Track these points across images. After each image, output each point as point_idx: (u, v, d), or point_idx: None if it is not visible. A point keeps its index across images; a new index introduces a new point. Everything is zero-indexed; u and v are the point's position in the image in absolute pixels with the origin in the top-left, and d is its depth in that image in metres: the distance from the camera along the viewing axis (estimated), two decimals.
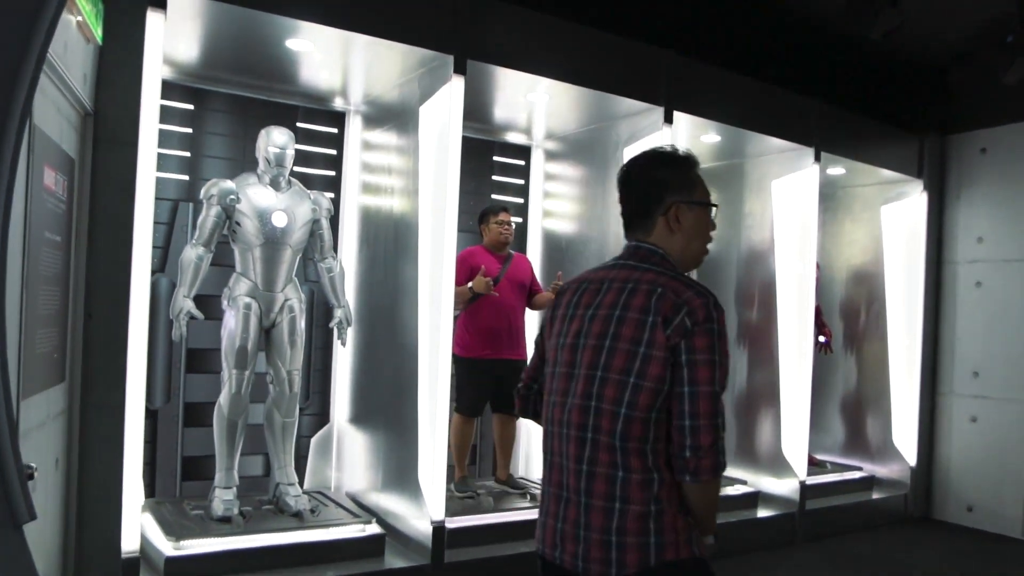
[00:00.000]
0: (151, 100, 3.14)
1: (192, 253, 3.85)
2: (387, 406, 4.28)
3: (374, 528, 3.99)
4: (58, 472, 2.93)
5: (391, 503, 4.19)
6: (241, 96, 4.56)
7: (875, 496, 6.23)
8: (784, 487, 5.49)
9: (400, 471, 4.11)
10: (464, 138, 3.97)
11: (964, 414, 6.30)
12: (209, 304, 4.06)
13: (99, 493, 3.08)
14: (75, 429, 3.07)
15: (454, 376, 4.06)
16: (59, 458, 2.94)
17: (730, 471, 5.78)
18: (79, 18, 2.72)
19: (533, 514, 4.43)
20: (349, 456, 4.69)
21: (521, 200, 5.67)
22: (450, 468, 4.33)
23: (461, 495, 4.54)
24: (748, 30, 5.85)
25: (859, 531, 5.84)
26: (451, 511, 4.08)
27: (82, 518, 3.07)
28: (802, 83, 5.68)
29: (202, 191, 3.94)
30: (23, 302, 2.35)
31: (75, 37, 2.75)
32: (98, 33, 2.99)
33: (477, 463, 5.38)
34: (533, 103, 4.77)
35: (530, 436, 5.47)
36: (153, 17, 3.14)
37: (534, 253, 5.59)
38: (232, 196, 3.90)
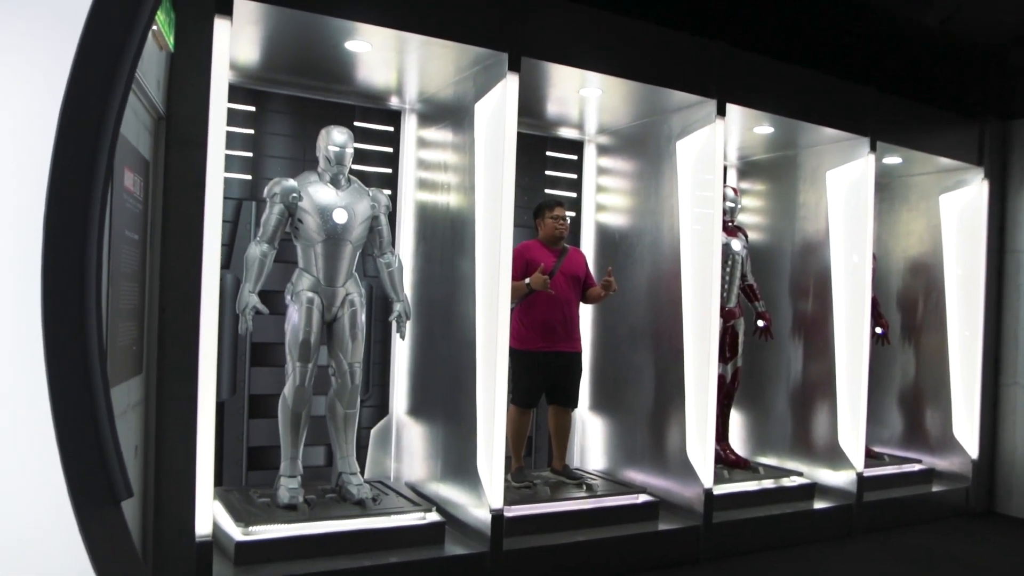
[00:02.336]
0: (219, 103, 3.27)
1: (256, 250, 3.98)
2: (445, 398, 4.37)
3: (434, 516, 4.09)
4: (137, 459, 3.08)
5: (450, 492, 4.29)
6: (300, 97, 4.69)
7: (935, 489, 6.13)
8: (841, 479, 5.45)
9: (459, 461, 4.21)
10: (517, 134, 4.02)
11: None
12: (273, 299, 4.19)
13: (174, 480, 3.23)
14: (152, 418, 3.22)
15: (509, 368, 4.13)
16: (138, 446, 3.09)
17: (786, 462, 5.77)
18: (154, 27, 2.85)
19: (589, 504, 4.53)
20: (408, 447, 4.80)
21: (574, 195, 5.71)
22: (506, 459, 4.41)
23: (518, 485, 4.61)
24: (799, 18, 5.79)
25: (918, 524, 5.76)
26: (508, 500, 4.14)
27: (159, 503, 3.22)
28: (856, 71, 5.61)
29: (265, 190, 4.07)
30: (108, 297, 2.49)
31: (150, 46, 2.89)
32: (170, 41, 3.13)
33: (532, 454, 5.45)
34: (585, 98, 4.81)
35: (584, 428, 5.53)
36: (220, 24, 3.27)
37: (588, 247, 5.62)
38: (294, 194, 4.03)
